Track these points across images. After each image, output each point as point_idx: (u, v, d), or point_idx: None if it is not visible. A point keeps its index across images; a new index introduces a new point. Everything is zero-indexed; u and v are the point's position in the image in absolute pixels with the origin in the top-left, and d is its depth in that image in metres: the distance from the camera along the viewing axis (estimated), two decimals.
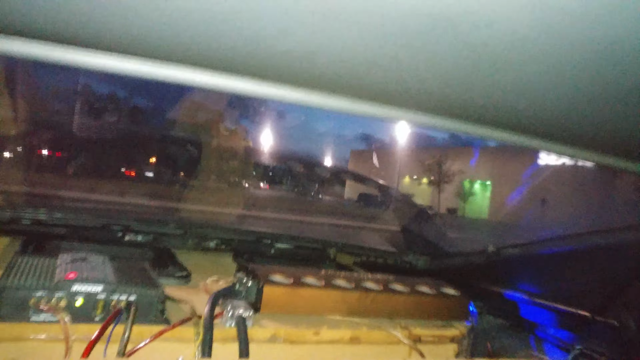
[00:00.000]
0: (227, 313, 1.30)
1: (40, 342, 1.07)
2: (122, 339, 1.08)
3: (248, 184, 6.54)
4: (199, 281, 1.66)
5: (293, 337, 1.34)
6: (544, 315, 1.67)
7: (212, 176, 3.74)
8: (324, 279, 1.52)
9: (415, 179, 30.05)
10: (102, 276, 1.18)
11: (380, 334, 1.43)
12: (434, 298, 1.60)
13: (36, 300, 1.07)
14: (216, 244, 2.14)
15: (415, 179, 30.06)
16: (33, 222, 1.68)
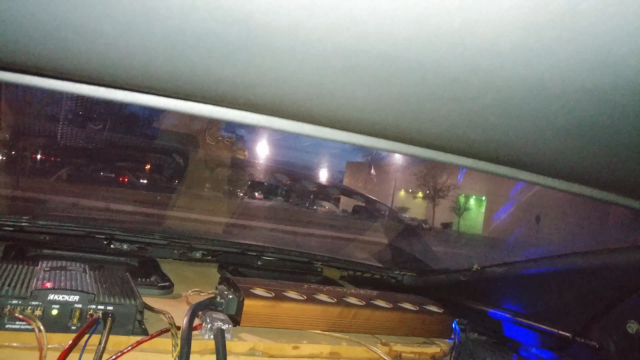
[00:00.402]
0: (207, 325, 1.29)
1: (15, 349, 1.06)
2: (97, 349, 1.07)
3: (242, 193, 6.55)
4: (182, 292, 1.66)
5: (272, 351, 1.33)
6: (526, 334, 1.67)
7: (207, 185, 3.77)
8: (305, 294, 1.52)
9: (410, 192, 30.10)
10: (80, 286, 1.17)
11: (360, 350, 1.42)
12: (417, 315, 1.60)
13: (11, 308, 1.06)
14: (202, 255, 2.14)
15: (410, 192, 30.11)
16: (16, 229, 1.67)
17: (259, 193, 9.05)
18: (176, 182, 3.41)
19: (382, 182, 26.34)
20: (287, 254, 2.11)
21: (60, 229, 1.72)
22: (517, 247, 10.60)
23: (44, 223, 1.70)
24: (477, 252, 10.66)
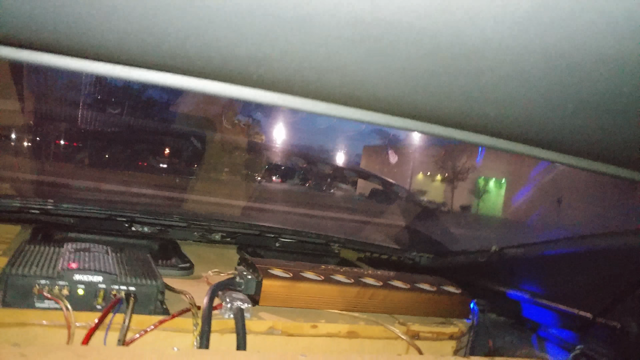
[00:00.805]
0: (226, 305, 1.32)
1: (44, 327, 1.10)
2: (121, 328, 1.11)
3: (260, 177, 6.60)
4: (202, 273, 1.69)
5: (291, 330, 1.35)
6: (546, 315, 1.66)
7: (225, 168, 3.80)
8: (323, 274, 1.53)
9: (429, 175, 29.85)
10: (103, 267, 1.21)
11: (377, 329, 1.44)
12: (434, 295, 1.60)
13: (40, 287, 1.10)
14: (221, 237, 2.17)
15: (429, 176, 29.86)
16: (42, 212, 1.71)
17: (276, 176, 9.07)
18: (194, 166, 3.44)
19: (399, 165, 26.18)
20: (305, 235, 2.13)
21: (83, 211, 1.76)
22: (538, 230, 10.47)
23: (67, 206, 1.74)
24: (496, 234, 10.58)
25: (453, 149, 25.04)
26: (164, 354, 0.95)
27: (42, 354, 0.84)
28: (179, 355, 0.96)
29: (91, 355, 0.88)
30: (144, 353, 0.94)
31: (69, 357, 0.85)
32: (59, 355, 0.85)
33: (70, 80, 2.60)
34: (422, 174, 29.70)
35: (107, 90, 2.70)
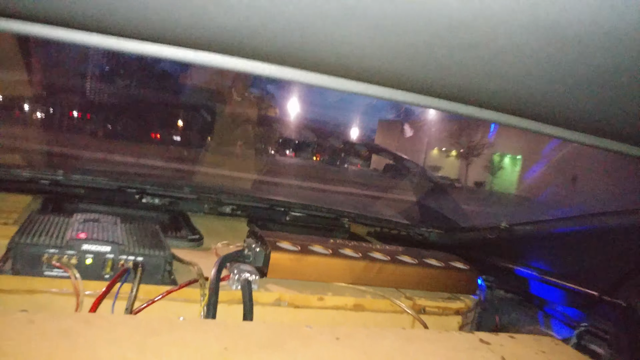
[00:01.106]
0: (234, 276, 1.33)
1: (53, 295, 1.12)
2: (129, 297, 1.12)
3: (273, 150, 6.59)
4: (212, 245, 1.70)
5: (297, 302, 1.37)
6: (553, 292, 1.66)
7: (237, 142, 3.80)
8: (331, 248, 1.54)
9: (443, 150, 29.61)
10: (111, 237, 1.22)
11: (384, 302, 1.45)
12: (442, 271, 1.60)
13: (48, 256, 1.12)
14: (232, 209, 2.18)
15: (443, 151, 29.62)
16: (52, 183, 1.73)
17: (289, 150, 9.06)
18: (205, 138, 3.45)
19: (414, 140, 25.98)
20: (314, 210, 2.13)
21: (94, 182, 1.77)
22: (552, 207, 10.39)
23: (78, 177, 1.75)
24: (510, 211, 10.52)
25: (468, 125, 24.76)
26: (170, 323, 0.96)
27: (50, 320, 0.85)
28: (185, 325, 0.98)
29: (98, 322, 0.90)
30: (151, 321, 0.95)
31: (77, 323, 0.87)
32: (66, 321, 0.87)
33: (80, 52, 2.60)
34: (437, 149, 29.47)
35: (118, 61, 2.70)
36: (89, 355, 0.77)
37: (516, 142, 24.66)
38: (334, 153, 9.58)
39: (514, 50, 0.59)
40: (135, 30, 0.72)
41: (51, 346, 0.77)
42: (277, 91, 6.88)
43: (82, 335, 0.82)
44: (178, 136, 5.05)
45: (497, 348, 1.16)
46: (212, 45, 0.76)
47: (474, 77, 0.72)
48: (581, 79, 0.66)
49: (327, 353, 0.96)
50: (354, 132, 10.40)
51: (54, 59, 2.71)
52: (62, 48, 2.69)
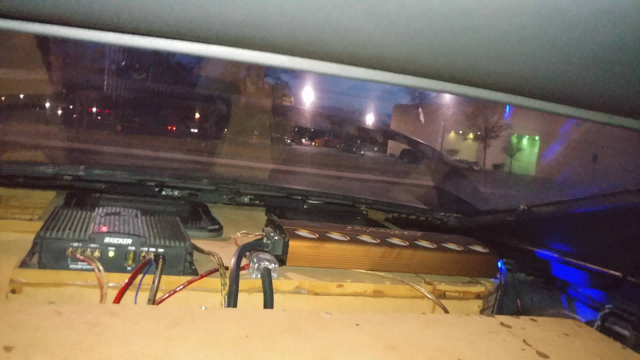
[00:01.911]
0: (254, 265, 1.34)
1: (78, 287, 1.15)
2: (151, 288, 1.15)
3: (289, 139, 6.61)
4: (231, 234, 1.72)
5: (317, 289, 1.38)
6: (575, 274, 1.64)
7: (254, 132, 3.81)
8: (349, 235, 1.54)
9: (460, 133, 29.27)
10: (132, 229, 1.24)
11: (403, 288, 1.45)
12: (461, 255, 1.60)
13: (73, 250, 1.14)
14: (250, 199, 2.20)
15: (460, 134, 29.29)
16: (74, 178, 1.76)
17: (305, 139, 9.05)
18: (220, 130, 3.47)
19: (431, 124, 25.72)
20: (332, 197, 2.14)
21: (114, 177, 1.80)
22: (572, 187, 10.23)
23: (99, 172, 1.78)
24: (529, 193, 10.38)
25: (484, 106, 24.40)
26: (192, 312, 0.98)
27: (76, 312, 0.88)
28: (207, 314, 0.99)
29: (122, 312, 0.92)
30: (173, 311, 0.97)
31: (102, 314, 0.89)
32: (92, 312, 0.89)
33: (96, 49, 2.63)
34: (454, 133, 29.16)
35: (133, 57, 2.72)
36: (114, 345, 0.79)
37: (533, 123, 24.24)
38: (350, 140, 9.55)
39: (516, 33, 0.58)
40: (147, 26, 0.73)
41: (78, 336, 0.79)
42: (291, 80, 6.86)
43: (107, 326, 0.85)
44: (195, 128, 5.09)
45: (518, 331, 1.16)
46: (221, 37, 0.76)
47: (481, 60, 0.71)
48: (587, 57, 0.65)
49: (347, 338, 0.97)
50: (369, 118, 10.31)
51: (71, 56, 2.75)
52: (79, 46, 2.72)
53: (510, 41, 0.62)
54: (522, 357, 1.02)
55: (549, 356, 1.03)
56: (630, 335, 1.42)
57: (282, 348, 0.89)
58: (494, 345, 1.06)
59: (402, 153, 10.33)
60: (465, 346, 1.03)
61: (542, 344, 1.09)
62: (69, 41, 2.65)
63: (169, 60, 3.09)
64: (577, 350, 1.09)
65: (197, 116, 5.46)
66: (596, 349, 1.11)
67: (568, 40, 0.60)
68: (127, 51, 2.71)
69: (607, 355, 1.08)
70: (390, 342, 0.99)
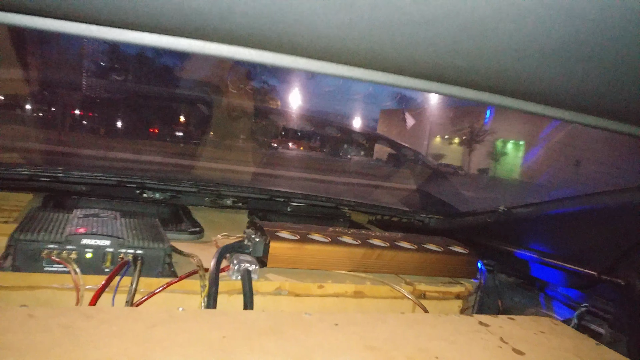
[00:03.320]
0: (234, 267, 1.34)
1: (54, 290, 1.14)
2: (129, 290, 1.14)
3: (276, 143, 6.61)
4: (213, 237, 1.71)
5: (298, 290, 1.38)
6: (553, 274, 1.66)
7: (242, 136, 3.81)
8: (330, 236, 1.55)
9: (446, 138, 29.46)
10: (110, 231, 1.23)
11: (384, 289, 1.46)
12: (441, 255, 1.61)
13: (48, 252, 1.13)
14: (232, 202, 2.19)
15: (446, 139, 29.48)
16: (52, 180, 1.74)
17: (292, 143, 9.04)
18: (201, 133, 3.46)
19: (417, 129, 25.79)
20: (315, 199, 2.14)
21: (94, 178, 1.78)
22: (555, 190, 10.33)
23: (78, 173, 1.76)
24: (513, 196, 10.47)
25: (469, 111, 24.59)
26: (169, 314, 0.97)
27: (50, 315, 0.86)
28: (185, 315, 0.99)
29: (98, 315, 0.91)
30: (150, 313, 0.96)
31: (77, 317, 0.88)
32: (66, 315, 0.88)
33: (75, 48, 2.60)
34: (440, 137, 29.33)
35: (114, 56, 2.70)
36: (89, 347, 0.78)
37: (517, 128, 24.51)
38: (337, 144, 9.56)
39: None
40: (134, 20, 0.72)
41: (51, 339, 0.78)
42: (278, 84, 6.85)
43: (81, 329, 0.84)
44: (176, 131, 5.07)
45: (496, 330, 1.17)
46: (207, 33, 0.76)
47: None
48: (581, 58, 0.66)
49: (326, 339, 0.97)
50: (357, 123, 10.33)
51: (49, 55, 2.71)
52: (57, 44, 2.69)
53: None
54: (499, 354, 1.03)
55: (525, 353, 1.05)
56: (606, 332, 1.45)
57: (260, 349, 0.89)
58: (471, 344, 1.06)
59: (388, 157, 10.35)
60: (443, 345, 1.03)
61: (518, 342, 1.10)
62: (44, 40, 2.62)
63: (150, 62, 3.07)
64: (552, 347, 1.10)
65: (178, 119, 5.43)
66: (570, 346, 1.12)
67: (555, 41, 0.61)
68: (105, 51, 2.69)
69: (581, 352, 1.10)
70: (369, 342, 0.99)
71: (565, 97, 0.90)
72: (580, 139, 13.56)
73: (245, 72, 3.31)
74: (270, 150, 5.67)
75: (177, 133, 5.37)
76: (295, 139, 8.89)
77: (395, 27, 0.62)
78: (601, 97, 0.85)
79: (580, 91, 0.84)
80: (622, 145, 1.33)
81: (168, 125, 4.87)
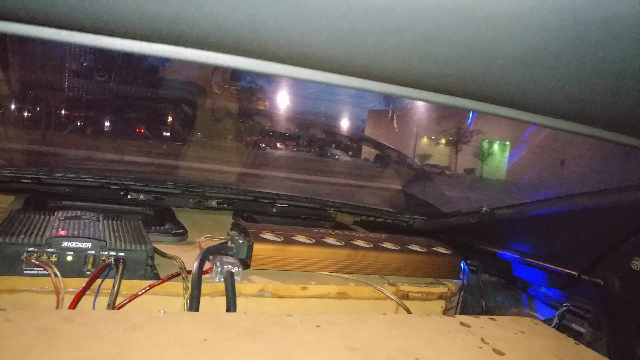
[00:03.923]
0: (217, 269, 1.34)
1: (33, 294, 1.12)
2: (111, 293, 1.13)
3: (264, 144, 6.63)
4: (197, 239, 1.71)
5: (281, 292, 1.38)
6: (535, 274, 1.68)
7: (229, 136, 3.79)
8: (314, 237, 1.55)
9: (433, 139, 29.66)
10: (92, 233, 1.22)
11: (367, 289, 1.46)
12: (424, 256, 1.62)
13: (27, 255, 1.12)
14: (217, 203, 2.18)
15: (433, 139, 29.68)
16: (34, 182, 1.72)
17: (280, 143, 9.02)
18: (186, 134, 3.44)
19: (404, 129, 25.96)
20: (300, 200, 2.14)
21: (76, 180, 1.77)
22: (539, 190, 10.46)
23: (60, 175, 1.75)
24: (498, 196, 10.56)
25: (455, 113, 24.77)
26: (150, 316, 0.97)
27: (27, 318, 0.86)
28: (166, 317, 0.99)
29: (77, 318, 0.90)
30: (130, 315, 0.96)
31: (55, 320, 0.87)
32: (44, 318, 0.87)
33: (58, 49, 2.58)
34: (427, 138, 29.51)
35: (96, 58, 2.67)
36: (66, 350, 0.78)
37: (503, 129, 24.77)
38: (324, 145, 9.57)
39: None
40: (128, 29, 0.72)
41: (28, 343, 0.78)
42: (266, 84, 6.83)
43: (60, 332, 0.83)
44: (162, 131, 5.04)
45: (477, 330, 1.18)
46: (200, 42, 0.76)
47: (474, 71, 0.73)
48: (574, 69, 0.67)
49: (307, 340, 0.98)
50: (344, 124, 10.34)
51: (31, 55, 2.68)
52: (39, 44, 2.66)
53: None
54: (479, 355, 1.04)
55: (505, 353, 1.06)
56: (586, 332, 1.47)
57: (241, 350, 0.89)
58: (452, 344, 1.08)
59: (376, 158, 10.37)
60: (424, 346, 1.04)
61: (499, 342, 1.12)
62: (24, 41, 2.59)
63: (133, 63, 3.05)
64: (532, 347, 1.12)
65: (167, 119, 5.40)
66: (550, 345, 1.14)
67: (548, 52, 0.62)
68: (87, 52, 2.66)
69: (560, 351, 1.11)
70: (350, 343, 0.99)
71: (534, 101, 0.91)
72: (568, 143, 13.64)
73: (231, 73, 3.31)
74: (259, 150, 5.65)
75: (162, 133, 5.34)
76: (282, 140, 8.88)
77: (363, 34, 0.63)
78: (569, 102, 0.87)
79: (548, 96, 0.86)
80: (601, 149, 1.35)
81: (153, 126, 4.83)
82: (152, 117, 4.32)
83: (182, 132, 3.72)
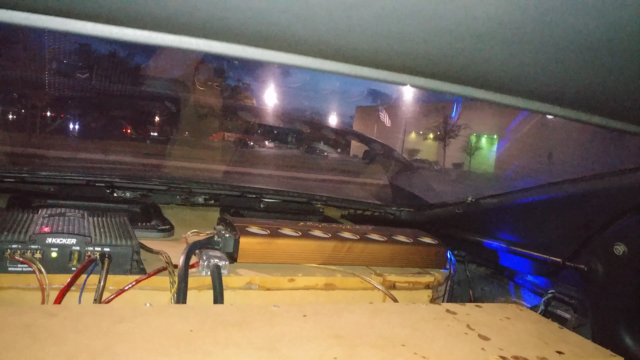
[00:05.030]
0: (203, 262, 1.34)
1: (18, 291, 1.12)
2: (97, 288, 1.12)
3: (252, 141, 6.60)
4: (183, 234, 1.70)
5: (268, 284, 1.38)
6: (521, 263, 1.70)
7: (214, 133, 3.80)
8: (301, 230, 1.56)
9: (421, 134, 29.78)
10: (77, 229, 1.22)
11: (354, 280, 1.47)
12: (411, 246, 1.63)
13: (11, 252, 1.11)
14: (204, 199, 2.18)
15: (421, 134, 29.79)
16: (18, 181, 1.71)
17: (269, 140, 9.00)
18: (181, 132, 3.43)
19: (392, 125, 25.93)
20: (287, 195, 2.14)
21: (61, 178, 1.75)
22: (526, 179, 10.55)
23: (45, 174, 1.73)
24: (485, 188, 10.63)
25: (443, 107, 24.87)
26: (136, 309, 0.97)
27: (10, 314, 0.85)
28: (152, 310, 0.99)
29: (62, 313, 0.90)
30: (116, 309, 0.96)
31: (39, 315, 0.87)
32: (28, 314, 0.87)
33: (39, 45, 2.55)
34: (415, 133, 29.59)
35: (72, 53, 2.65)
36: (49, 344, 0.77)
37: (490, 122, 24.94)
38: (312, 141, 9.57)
39: (516, 26, 0.60)
40: (130, 18, 0.72)
41: (12, 338, 0.77)
42: (252, 82, 6.81)
43: (42, 326, 0.83)
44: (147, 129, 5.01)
45: (462, 317, 1.19)
46: (194, 29, 0.76)
47: (476, 58, 0.73)
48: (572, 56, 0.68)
49: (293, 329, 0.98)
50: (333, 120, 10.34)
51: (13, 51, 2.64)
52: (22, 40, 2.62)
53: (485, 42, 0.64)
54: (465, 340, 1.05)
55: (490, 338, 1.07)
56: (571, 317, 1.49)
57: (227, 341, 0.89)
58: (438, 331, 1.09)
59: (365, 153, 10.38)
60: (410, 333, 1.05)
61: (484, 328, 1.13)
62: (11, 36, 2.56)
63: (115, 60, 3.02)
64: (517, 332, 1.13)
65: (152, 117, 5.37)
66: (534, 330, 1.15)
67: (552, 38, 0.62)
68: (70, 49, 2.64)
69: (544, 335, 1.13)
70: (336, 331, 1.00)
71: (517, 84, 0.92)
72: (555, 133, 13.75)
73: (215, 69, 3.30)
74: (247, 147, 5.64)
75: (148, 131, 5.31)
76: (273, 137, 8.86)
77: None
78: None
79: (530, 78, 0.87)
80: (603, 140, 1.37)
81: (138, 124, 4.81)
82: (138, 114, 4.30)
83: (165, 130, 3.71)
